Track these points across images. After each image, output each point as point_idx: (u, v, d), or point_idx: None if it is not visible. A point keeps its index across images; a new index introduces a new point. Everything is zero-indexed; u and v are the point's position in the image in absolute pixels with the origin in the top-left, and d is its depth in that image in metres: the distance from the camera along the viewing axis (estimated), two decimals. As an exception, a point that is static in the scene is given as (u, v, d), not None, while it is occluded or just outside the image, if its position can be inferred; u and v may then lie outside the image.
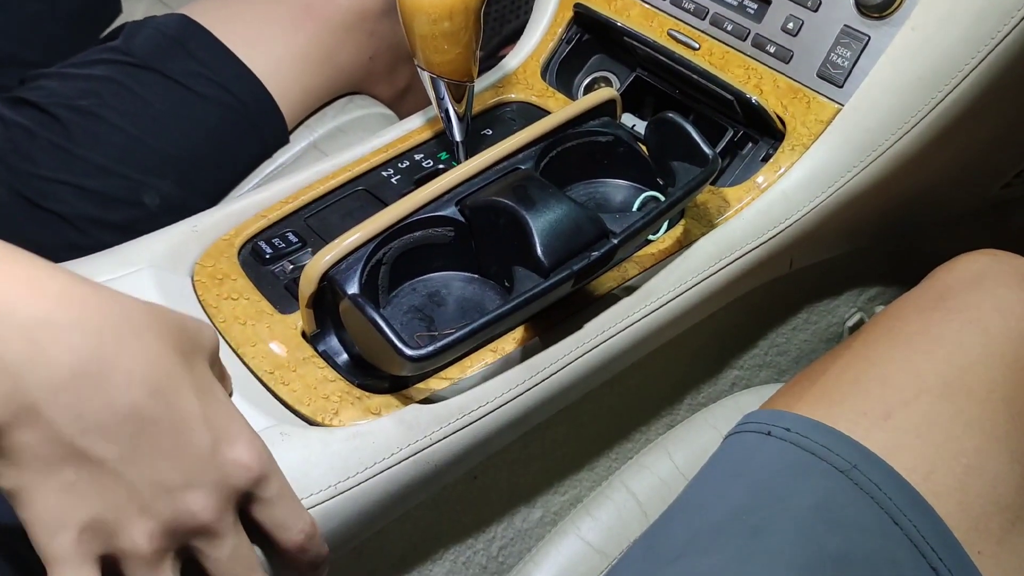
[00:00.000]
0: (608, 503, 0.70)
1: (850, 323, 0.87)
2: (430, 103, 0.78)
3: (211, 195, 0.89)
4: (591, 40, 0.84)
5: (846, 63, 0.70)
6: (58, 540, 0.43)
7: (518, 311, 0.56)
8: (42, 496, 0.43)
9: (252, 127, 0.90)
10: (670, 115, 0.65)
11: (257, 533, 0.49)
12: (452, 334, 0.54)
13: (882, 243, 0.83)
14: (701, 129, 0.64)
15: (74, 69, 0.89)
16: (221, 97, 0.88)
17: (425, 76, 0.69)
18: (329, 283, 0.58)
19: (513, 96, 0.81)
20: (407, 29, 0.66)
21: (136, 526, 0.44)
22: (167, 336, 0.47)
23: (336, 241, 0.59)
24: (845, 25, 0.70)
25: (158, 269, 0.64)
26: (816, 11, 0.72)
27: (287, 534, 0.49)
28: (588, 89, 0.84)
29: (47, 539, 0.43)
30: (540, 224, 0.58)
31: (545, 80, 0.82)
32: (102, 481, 0.43)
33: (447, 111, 0.71)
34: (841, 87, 0.70)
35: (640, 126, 0.81)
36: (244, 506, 0.48)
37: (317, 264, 0.58)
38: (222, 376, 0.54)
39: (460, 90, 0.70)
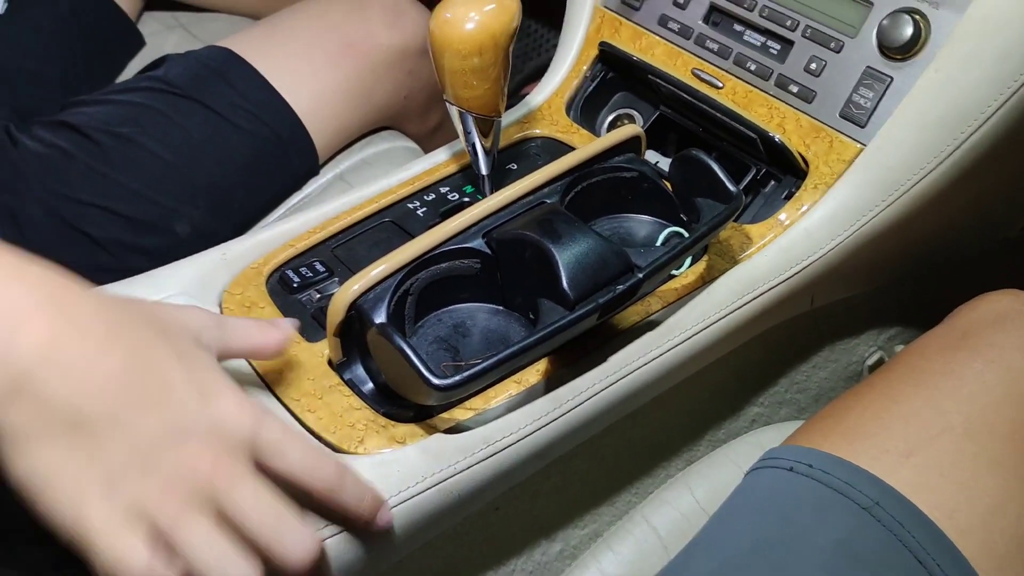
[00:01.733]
0: (629, 538, 0.70)
1: (870, 362, 0.88)
2: (452, 142, 0.80)
3: (240, 224, 0.90)
4: (615, 78, 0.85)
5: (869, 104, 0.71)
6: (87, 508, 0.44)
7: (544, 343, 0.56)
8: (53, 470, 0.44)
9: (285, 159, 0.92)
10: (695, 152, 0.66)
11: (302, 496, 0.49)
12: (478, 364, 0.54)
13: (902, 282, 0.83)
14: (724, 166, 0.65)
15: (115, 95, 0.91)
16: (258, 129, 0.90)
17: (453, 110, 0.70)
18: (357, 312, 0.59)
19: (538, 131, 0.82)
20: (437, 64, 0.67)
21: (145, 484, 0.45)
22: (140, 314, 0.49)
23: (364, 271, 0.59)
24: (868, 66, 0.71)
25: (189, 297, 0.65)
26: (839, 52, 0.73)
27: (316, 475, 0.49)
28: (612, 126, 0.85)
29: (76, 512, 0.44)
30: (566, 257, 0.59)
31: (570, 116, 0.83)
32: (100, 442, 0.44)
33: (474, 145, 0.72)
34: (863, 127, 0.71)
35: (663, 163, 0.82)
36: (262, 465, 0.48)
37: (345, 293, 0.59)
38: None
39: (487, 125, 0.71)
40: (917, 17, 0.69)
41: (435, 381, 0.53)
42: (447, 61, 0.66)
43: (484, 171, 0.73)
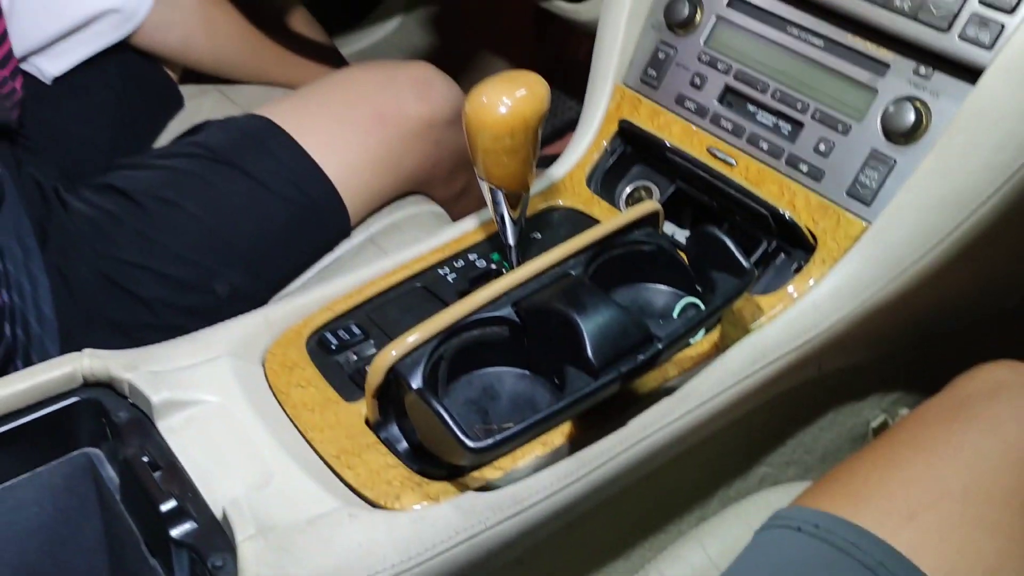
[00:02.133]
0: (644, 592, 0.74)
1: (874, 424, 0.91)
2: (482, 206, 0.84)
3: (275, 284, 0.95)
4: (633, 152, 0.90)
5: (874, 184, 0.75)
6: None
7: (570, 409, 0.60)
8: None
9: (319, 223, 0.97)
10: (711, 229, 0.70)
11: None
12: (511, 429, 0.58)
13: (906, 350, 0.88)
14: (736, 239, 0.69)
15: (159, 160, 0.96)
16: (294, 195, 0.95)
17: (484, 186, 0.75)
18: (395, 376, 0.63)
19: (560, 202, 0.87)
20: (471, 143, 0.72)
21: None
22: None
23: (402, 337, 0.63)
24: (873, 148, 0.76)
25: (234, 358, 0.70)
26: (846, 135, 0.78)
27: None
28: (630, 197, 0.90)
29: None
30: (591, 327, 0.63)
31: (590, 188, 0.88)
32: None
33: (502, 217, 0.77)
34: (869, 205, 0.76)
35: (679, 234, 0.87)
36: None
37: (384, 358, 0.63)
38: None
39: (516, 199, 0.76)
40: (919, 105, 0.74)
41: (470, 444, 0.57)
42: (481, 141, 0.71)
43: (511, 241, 0.78)
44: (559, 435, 0.66)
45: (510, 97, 0.69)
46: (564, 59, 1.71)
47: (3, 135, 0.92)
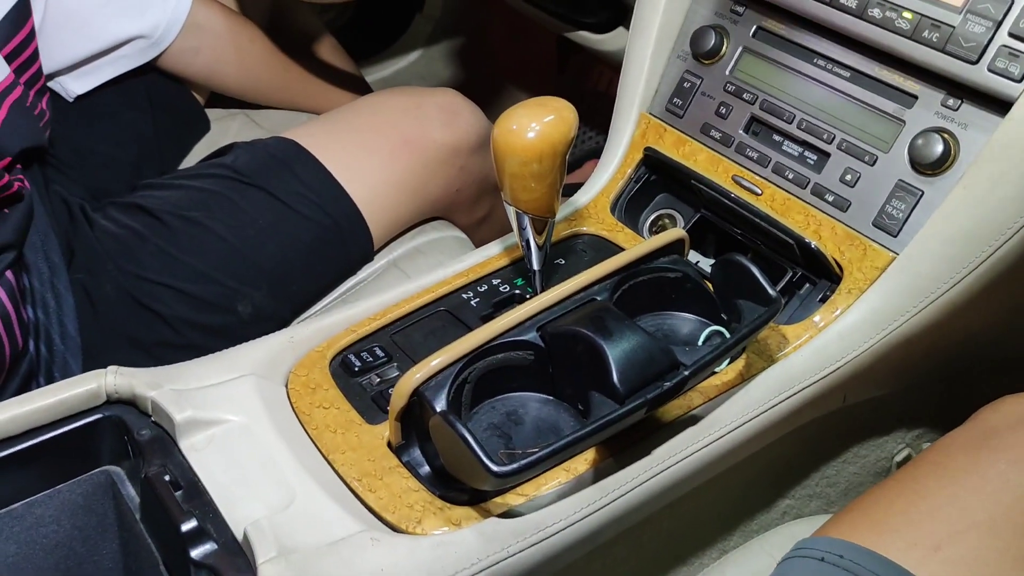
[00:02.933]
0: (667, 623, 0.73)
1: (898, 458, 0.90)
2: (504, 233, 0.84)
3: (297, 306, 0.95)
4: (658, 180, 0.90)
5: (901, 215, 0.75)
6: None
7: (596, 434, 0.60)
8: None
9: (342, 246, 0.97)
10: (737, 257, 0.70)
11: None
12: (535, 453, 0.58)
13: (932, 383, 0.87)
14: (761, 268, 0.69)
15: (185, 180, 0.97)
16: (319, 217, 0.95)
17: (511, 210, 0.75)
18: (419, 399, 0.63)
19: (585, 229, 0.86)
20: (498, 168, 0.72)
21: None
22: None
23: (426, 360, 0.63)
24: (900, 179, 0.76)
25: (258, 378, 0.69)
26: (873, 165, 0.77)
27: None
28: (653, 225, 0.90)
29: None
30: (616, 353, 0.63)
31: (614, 215, 0.88)
32: None
33: (528, 242, 0.77)
34: (895, 236, 0.75)
35: (703, 262, 0.87)
36: None
37: (409, 380, 0.63)
38: None
39: (541, 224, 0.76)
40: (947, 136, 0.74)
41: (494, 468, 0.56)
42: (508, 166, 0.71)
43: (536, 267, 0.78)
44: (582, 462, 0.66)
45: (538, 122, 0.70)
46: (585, 90, 1.71)
47: (32, 154, 0.93)
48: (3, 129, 0.88)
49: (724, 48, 0.87)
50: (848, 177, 0.78)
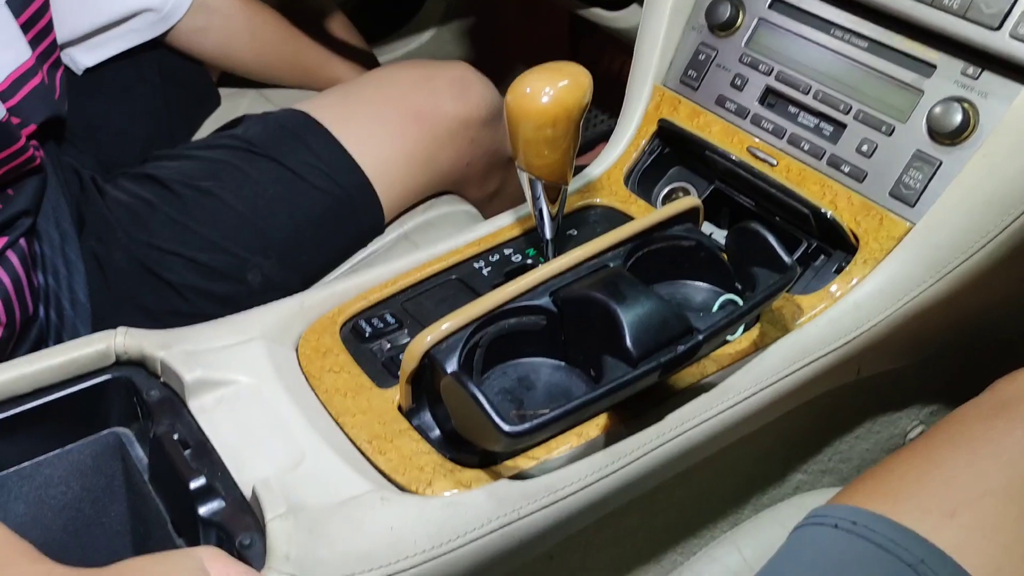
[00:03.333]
0: (678, 593, 0.72)
1: (911, 435, 0.90)
2: (515, 207, 0.84)
3: (308, 277, 0.95)
4: (672, 153, 0.89)
5: (918, 184, 0.74)
6: None
7: (607, 397, 0.59)
8: None
9: (353, 217, 0.97)
10: (752, 224, 0.69)
11: None
12: (546, 414, 0.57)
13: (947, 357, 0.86)
14: (776, 237, 0.68)
15: (196, 151, 0.96)
16: (329, 188, 0.95)
17: (524, 176, 0.74)
18: (430, 361, 0.63)
19: (598, 200, 0.86)
20: (512, 133, 0.72)
21: None
22: None
23: (438, 323, 0.63)
24: (918, 149, 0.75)
25: (268, 341, 0.69)
26: (890, 136, 0.76)
27: None
28: (667, 198, 0.89)
29: None
30: (630, 317, 0.62)
31: (627, 187, 0.87)
32: None
33: (540, 210, 0.76)
34: (913, 207, 0.74)
35: (717, 234, 0.86)
36: None
37: (420, 343, 0.62)
38: None
39: (555, 191, 0.75)
40: (966, 105, 0.73)
41: (505, 428, 0.56)
42: (522, 131, 0.70)
43: (548, 235, 0.77)
44: (594, 427, 0.65)
45: (552, 87, 0.69)
46: (597, 73, 1.70)
47: (49, 125, 0.92)
48: (30, 97, 0.88)
49: (740, 20, 0.86)
50: (865, 148, 0.77)
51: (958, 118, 0.73)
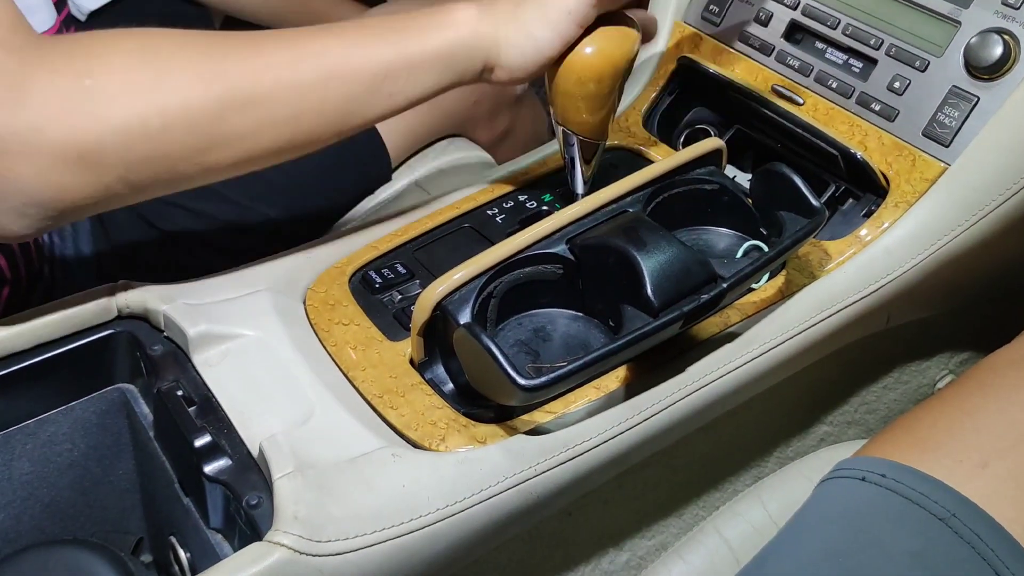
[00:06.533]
0: (701, 548, 0.70)
1: (940, 385, 0.87)
2: (527, 150, 0.80)
3: (315, 226, 0.92)
4: (692, 92, 0.86)
5: (953, 123, 0.71)
6: None
7: (627, 348, 0.57)
8: None
9: (359, 163, 0.94)
10: (778, 166, 0.66)
11: None
12: (564, 366, 0.55)
13: (979, 305, 0.83)
14: (803, 178, 0.65)
15: None
16: None
17: (559, 130, 0.70)
18: (442, 312, 0.60)
19: (616, 143, 0.82)
20: (549, 84, 0.68)
21: None
22: None
23: (450, 272, 0.60)
24: (954, 86, 0.71)
25: (274, 293, 0.67)
26: (924, 71, 0.73)
27: None
28: (688, 140, 0.85)
29: None
30: (651, 265, 0.59)
31: (647, 129, 0.84)
32: None
33: (572, 161, 0.72)
34: (947, 146, 0.71)
35: (740, 178, 0.83)
36: None
37: (432, 293, 0.60)
38: None
39: (591, 149, 0.71)
40: (1007, 37, 0.69)
41: (521, 381, 0.53)
42: (562, 84, 0.66)
43: (580, 191, 0.74)
44: (614, 379, 0.63)
45: (600, 37, 0.65)
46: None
47: None
48: None
49: (764, -49, 0.82)
50: (897, 84, 0.74)
51: (998, 51, 0.69)
